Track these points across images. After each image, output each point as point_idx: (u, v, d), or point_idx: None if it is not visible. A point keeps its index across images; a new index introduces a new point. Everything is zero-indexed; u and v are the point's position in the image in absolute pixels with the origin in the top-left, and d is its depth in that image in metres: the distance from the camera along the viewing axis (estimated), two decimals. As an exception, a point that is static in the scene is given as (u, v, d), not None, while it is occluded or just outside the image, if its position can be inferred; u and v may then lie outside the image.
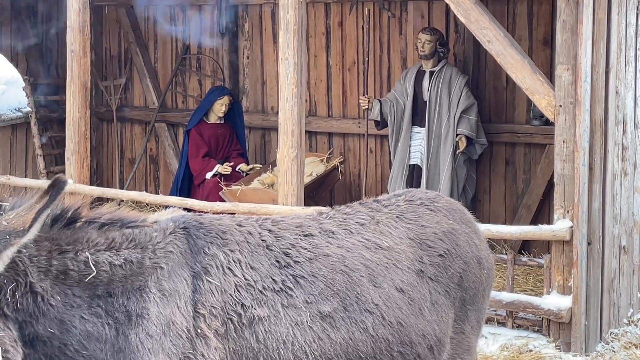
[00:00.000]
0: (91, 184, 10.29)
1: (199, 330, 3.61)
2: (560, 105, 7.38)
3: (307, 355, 3.76)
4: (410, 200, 4.42)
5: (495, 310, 7.63)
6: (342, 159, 11.07)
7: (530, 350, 7.33)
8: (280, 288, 3.80)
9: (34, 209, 3.24)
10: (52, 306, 3.39)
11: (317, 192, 10.39)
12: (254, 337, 3.71)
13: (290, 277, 3.83)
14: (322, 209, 4.42)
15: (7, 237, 3.19)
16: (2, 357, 3.18)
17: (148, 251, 3.62)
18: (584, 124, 7.34)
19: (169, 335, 3.55)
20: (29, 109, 4.51)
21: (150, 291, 3.56)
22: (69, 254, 3.46)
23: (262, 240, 3.90)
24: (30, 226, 3.22)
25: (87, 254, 3.48)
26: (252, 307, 3.72)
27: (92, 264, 3.46)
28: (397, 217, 4.28)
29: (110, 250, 3.55)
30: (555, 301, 7.45)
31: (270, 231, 3.96)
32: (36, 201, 3.27)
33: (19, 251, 3.27)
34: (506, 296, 7.71)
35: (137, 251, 3.60)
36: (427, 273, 4.15)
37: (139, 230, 3.68)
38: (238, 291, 3.72)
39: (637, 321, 8.21)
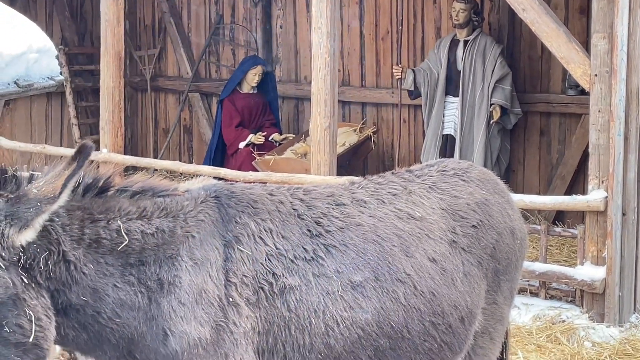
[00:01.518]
0: (125, 153, 10.35)
1: (230, 299, 3.61)
2: (596, 75, 7.33)
3: (338, 324, 3.77)
4: (443, 171, 4.41)
5: (528, 281, 7.62)
6: (375, 129, 11.07)
7: (563, 321, 7.32)
8: (312, 257, 3.79)
9: (62, 176, 3.24)
10: (85, 274, 3.41)
11: (349, 162, 10.39)
12: (285, 306, 3.71)
13: (322, 247, 3.83)
14: (355, 178, 4.41)
15: (38, 204, 3.20)
16: (36, 325, 3.21)
17: (180, 220, 3.63)
18: (620, 94, 7.29)
19: (200, 303, 3.56)
20: (61, 77, 4.54)
21: (182, 260, 3.57)
22: (101, 223, 3.47)
23: (294, 209, 3.90)
24: (60, 193, 3.22)
25: (119, 222, 3.49)
26: (284, 276, 3.72)
27: (124, 232, 3.47)
28: (429, 187, 4.27)
29: (142, 219, 3.56)
30: (588, 272, 7.42)
31: (301, 200, 3.95)
32: (64, 168, 3.27)
33: (51, 220, 3.29)
34: (539, 267, 7.69)
35: (169, 220, 3.61)
36: (460, 244, 4.14)
37: (170, 199, 3.68)
38: (269, 260, 3.72)
39: (672, 292, 8.16)
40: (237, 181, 7.56)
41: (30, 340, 3.21)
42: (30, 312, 3.21)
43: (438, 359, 4.06)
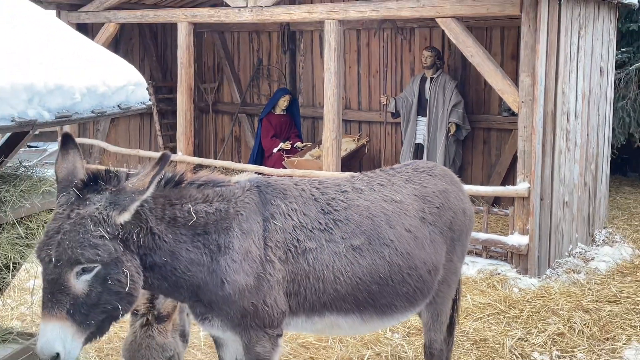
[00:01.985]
0: (194, 156, 10.38)
1: (267, 257, 3.63)
2: (523, 101, 7.32)
3: (343, 274, 3.78)
4: (416, 169, 4.40)
5: (474, 246, 7.62)
6: (367, 139, 11.06)
7: (499, 274, 7.33)
8: (324, 228, 3.81)
9: (149, 175, 3.26)
10: (166, 242, 3.44)
11: (350, 163, 10.38)
12: (306, 262, 3.72)
13: (331, 221, 3.84)
14: (354, 174, 4.40)
15: (133, 195, 3.22)
16: (130, 280, 3.23)
17: (232, 203, 3.64)
18: (539, 115, 7.27)
19: (247, 261, 3.58)
20: (150, 103, 4.47)
21: (234, 230, 3.59)
22: (177, 206, 3.49)
23: (312, 195, 3.91)
24: (148, 187, 3.24)
25: (189, 205, 3.51)
26: (304, 241, 3.74)
27: (193, 212, 3.50)
28: (406, 180, 4.27)
29: (205, 203, 3.57)
30: (517, 239, 7.43)
31: (317, 188, 3.97)
32: (151, 169, 3.28)
33: (141, 205, 3.30)
34: (482, 236, 7.70)
35: (224, 203, 3.62)
36: (427, 219, 4.14)
37: (225, 188, 3.69)
38: (295, 230, 3.74)
39: (575, 254, 8.15)
40: (271, 175, 7.60)
41: (126, 290, 3.23)
42: (126, 271, 3.23)
43: (412, 300, 4.07)
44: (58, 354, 3.03)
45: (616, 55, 10.24)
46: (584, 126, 8.41)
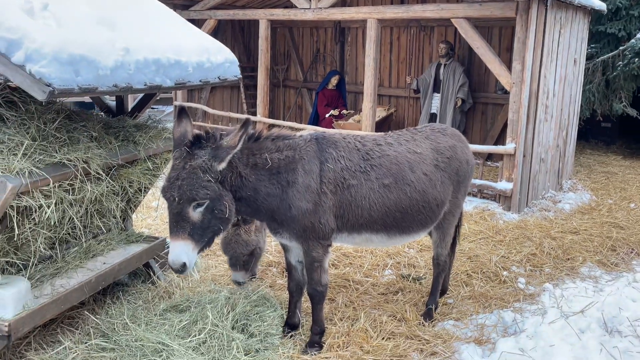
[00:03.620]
0: (269, 118, 10.38)
1: (322, 190, 3.64)
2: (514, 83, 7.06)
3: (376, 204, 3.78)
4: (432, 129, 4.33)
5: (471, 189, 7.51)
6: (395, 109, 10.88)
7: (489, 210, 7.22)
8: (363, 170, 3.79)
9: (237, 135, 3.29)
10: (250, 182, 3.48)
11: (381, 126, 10.24)
12: (349, 194, 3.73)
13: (369, 165, 3.81)
14: (385, 133, 4.34)
15: (227, 149, 3.28)
16: (228, 208, 3.32)
17: (297, 151, 3.63)
18: (526, 93, 7.02)
19: (307, 192, 3.59)
20: (240, 77, 4.44)
21: (299, 170, 3.59)
22: (257, 156, 3.52)
23: (355, 146, 3.88)
24: (237, 143, 3.29)
25: (266, 155, 3.53)
26: (349, 179, 3.73)
27: (269, 159, 3.52)
28: (425, 137, 4.20)
29: (278, 152, 3.58)
30: (504, 185, 7.28)
31: (359, 141, 3.93)
32: (238, 130, 3.30)
33: (233, 156, 3.35)
34: (478, 182, 7.56)
35: (291, 151, 3.62)
36: (440, 167, 4.09)
37: (292, 140, 3.68)
38: (342, 171, 3.72)
39: (547, 197, 7.97)
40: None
41: (226, 215, 3.32)
42: (225, 202, 3.31)
43: (425, 224, 4.06)
44: (184, 263, 3.21)
45: (587, 50, 9.85)
46: (559, 103, 8.12)
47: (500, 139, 9.79)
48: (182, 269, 3.21)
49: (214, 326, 3.70)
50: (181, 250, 3.20)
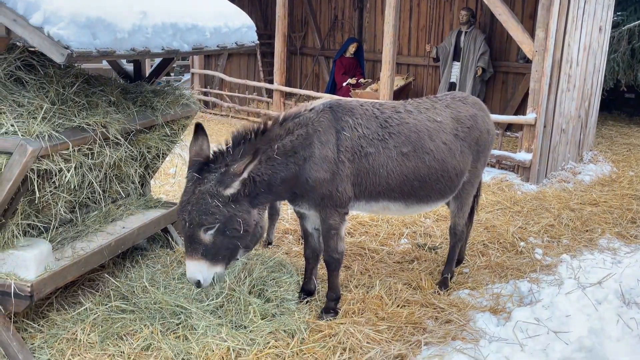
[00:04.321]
0: (286, 86, 10.31)
1: (339, 159, 3.61)
2: (536, 51, 6.90)
3: (393, 172, 3.75)
4: (453, 97, 4.25)
5: (490, 160, 7.43)
6: (413, 78, 10.72)
7: (507, 180, 7.16)
8: (382, 138, 3.74)
9: (244, 163, 3.25)
10: (265, 180, 3.45)
11: (399, 96, 10.12)
12: (367, 162, 3.70)
13: (387, 133, 3.77)
14: (405, 100, 4.28)
15: (233, 177, 3.25)
16: (243, 223, 3.34)
17: (310, 125, 3.57)
18: (549, 62, 6.86)
19: (325, 162, 3.57)
20: (258, 42, 4.36)
21: (315, 144, 3.56)
22: (268, 150, 3.46)
23: (373, 113, 3.83)
24: (242, 172, 3.27)
25: (276, 144, 3.47)
26: (366, 147, 3.69)
27: (281, 146, 3.46)
28: (445, 105, 4.14)
29: (289, 135, 3.53)
30: (523, 156, 7.19)
31: (378, 109, 3.88)
32: (247, 159, 3.26)
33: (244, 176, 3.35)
34: (497, 152, 7.48)
35: (303, 128, 3.56)
36: (460, 136, 4.03)
37: (301, 117, 3.60)
38: (359, 139, 3.69)
39: (566, 169, 7.87)
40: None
41: (242, 232, 3.33)
42: (239, 219, 3.32)
43: (443, 194, 4.02)
44: (199, 280, 3.31)
45: (613, 18, 9.54)
46: (582, 72, 7.92)
47: (520, 109, 9.64)
48: (198, 285, 3.34)
49: (231, 290, 3.74)
50: (195, 269, 3.30)
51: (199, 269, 3.29)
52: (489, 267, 4.75)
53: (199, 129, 3.47)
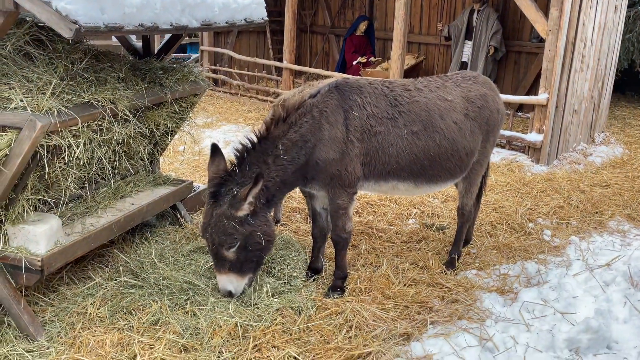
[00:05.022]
0: (295, 64, 10.23)
1: (349, 139, 3.60)
2: (550, 30, 6.78)
3: (404, 151, 3.73)
4: (464, 76, 4.20)
5: (500, 140, 7.36)
6: (424, 57, 10.62)
7: (517, 161, 7.11)
8: (391, 117, 3.72)
9: (247, 189, 3.31)
10: (277, 181, 3.51)
11: (410, 75, 10.02)
12: (377, 141, 3.68)
13: (397, 112, 3.74)
14: (415, 79, 4.23)
15: (240, 201, 3.35)
16: (263, 235, 3.46)
17: (315, 110, 3.55)
18: (562, 41, 6.75)
19: (334, 143, 3.56)
20: (267, 19, 4.31)
21: (324, 125, 3.55)
22: (274, 150, 3.49)
23: (383, 92, 3.80)
24: (246, 197, 3.35)
25: (281, 141, 3.48)
26: (376, 126, 3.67)
27: (286, 141, 3.47)
28: (456, 85, 4.09)
29: (292, 127, 3.52)
30: (534, 137, 7.12)
31: (387, 87, 3.84)
32: (249, 186, 3.32)
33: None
34: (508, 133, 7.41)
35: (308, 116, 3.54)
36: (470, 115, 3.99)
37: (305, 106, 3.57)
38: (369, 118, 3.66)
39: (577, 150, 7.78)
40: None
41: (264, 243, 3.47)
42: (259, 233, 3.43)
43: (453, 173, 4.01)
44: (230, 291, 3.50)
45: (630, -4, 9.34)
46: (596, 52, 7.79)
47: (532, 90, 9.52)
48: (230, 295, 3.53)
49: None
50: (225, 282, 3.50)
51: (229, 281, 3.49)
52: (496, 248, 4.74)
53: (216, 150, 3.54)
